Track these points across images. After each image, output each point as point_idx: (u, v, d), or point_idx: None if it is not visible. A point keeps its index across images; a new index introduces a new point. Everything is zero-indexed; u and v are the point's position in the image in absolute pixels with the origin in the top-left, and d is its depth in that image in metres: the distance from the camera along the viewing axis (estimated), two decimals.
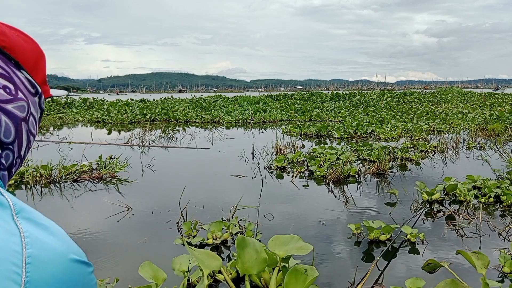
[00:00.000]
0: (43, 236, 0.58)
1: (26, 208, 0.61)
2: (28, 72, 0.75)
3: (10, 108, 0.69)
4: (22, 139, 0.73)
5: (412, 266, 2.97)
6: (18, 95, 0.71)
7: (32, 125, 0.76)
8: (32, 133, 0.76)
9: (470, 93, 31.37)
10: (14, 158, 0.72)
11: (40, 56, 0.80)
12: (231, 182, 5.64)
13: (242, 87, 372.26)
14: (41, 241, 0.57)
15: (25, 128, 0.73)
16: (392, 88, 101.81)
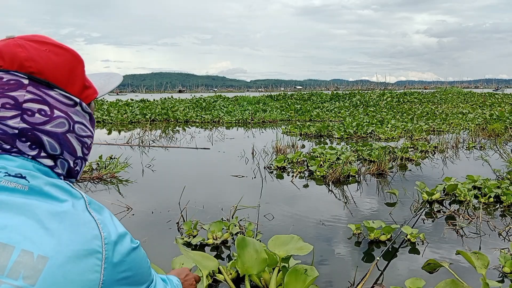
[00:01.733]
0: (108, 222, 0.76)
1: (93, 200, 0.78)
2: (61, 88, 0.78)
3: (48, 128, 0.75)
4: (73, 146, 0.80)
5: (412, 266, 2.97)
6: (54, 114, 0.76)
7: (81, 130, 0.83)
8: (84, 136, 0.83)
9: (470, 93, 31.37)
10: (71, 163, 0.81)
11: (74, 65, 0.82)
12: (231, 182, 5.64)
13: (242, 87, 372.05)
14: (108, 226, 0.75)
15: (72, 137, 0.80)
16: (392, 88, 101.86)
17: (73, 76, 0.81)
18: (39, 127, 0.74)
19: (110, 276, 0.71)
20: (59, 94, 0.78)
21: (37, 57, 0.75)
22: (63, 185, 0.75)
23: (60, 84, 0.78)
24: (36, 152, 0.75)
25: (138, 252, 0.81)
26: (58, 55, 0.79)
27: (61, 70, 0.78)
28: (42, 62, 0.76)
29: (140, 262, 0.80)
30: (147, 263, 0.85)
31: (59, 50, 0.80)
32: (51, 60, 0.77)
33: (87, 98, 0.86)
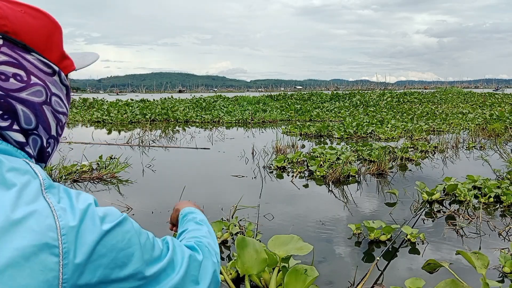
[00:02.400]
0: (72, 209, 0.61)
1: (54, 184, 0.64)
2: (39, 53, 0.70)
3: (24, 96, 0.67)
4: (48, 121, 0.72)
5: (412, 266, 2.97)
6: (31, 81, 0.68)
7: (57, 104, 0.74)
8: (60, 111, 0.75)
9: (470, 93, 31.38)
10: (44, 140, 0.72)
11: (52, 30, 0.74)
12: (231, 182, 5.64)
13: (242, 87, 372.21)
14: (70, 213, 0.60)
15: (48, 110, 0.71)
16: (392, 88, 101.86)
17: (50, 42, 0.73)
18: (13, 94, 0.65)
19: (76, 272, 0.57)
20: (37, 60, 0.70)
21: (12, 16, 0.67)
22: (22, 167, 0.62)
23: (37, 48, 0.70)
24: (8, 123, 0.65)
25: (120, 230, 0.64)
26: (35, 18, 0.71)
27: (38, 33, 0.70)
28: (17, 23, 0.67)
29: (125, 242, 0.64)
30: (140, 239, 0.68)
31: (35, 13, 0.71)
32: (28, 22, 0.69)
33: (65, 68, 0.77)
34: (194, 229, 0.99)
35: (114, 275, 0.62)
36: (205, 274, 0.80)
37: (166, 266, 0.71)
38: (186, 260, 0.77)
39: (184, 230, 1.00)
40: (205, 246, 0.88)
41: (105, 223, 0.63)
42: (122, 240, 0.64)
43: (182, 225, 1.05)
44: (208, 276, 0.81)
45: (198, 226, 1.01)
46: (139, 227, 0.70)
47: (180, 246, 0.81)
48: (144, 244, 0.68)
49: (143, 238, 0.69)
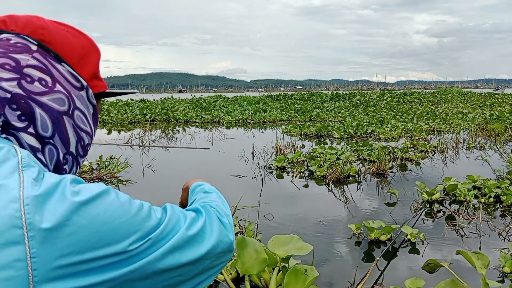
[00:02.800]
0: (42, 182, 0.57)
1: (34, 165, 0.60)
2: (70, 65, 0.72)
3: (45, 100, 0.66)
4: (68, 134, 0.70)
5: (412, 266, 2.97)
6: (55, 87, 0.68)
7: (80, 120, 0.73)
8: (83, 129, 0.73)
9: (470, 93, 31.39)
10: (61, 154, 0.69)
11: (90, 51, 0.77)
12: (231, 182, 5.64)
13: (242, 87, 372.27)
14: (38, 185, 0.56)
15: (69, 123, 0.70)
16: (392, 88, 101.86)
17: (85, 60, 0.75)
18: (34, 97, 0.65)
19: (47, 246, 0.51)
20: (66, 71, 0.71)
21: (53, 30, 0.71)
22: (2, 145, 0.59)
23: (69, 61, 0.72)
24: (24, 125, 0.64)
25: (101, 202, 0.58)
26: (76, 37, 0.75)
27: (74, 49, 0.73)
28: (56, 36, 0.71)
29: (109, 214, 0.58)
30: (129, 210, 0.61)
31: (77, 33, 0.76)
32: (67, 38, 0.73)
33: (95, 87, 0.78)
34: (201, 197, 0.93)
35: (101, 250, 0.56)
36: (210, 233, 0.73)
37: (163, 233, 0.65)
38: (188, 221, 0.71)
39: (192, 202, 0.96)
40: (210, 207, 0.82)
41: (79, 195, 0.57)
42: (104, 212, 0.57)
43: (191, 199, 1.00)
44: (213, 234, 0.74)
45: (206, 194, 0.96)
46: (128, 198, 0.64)
47: (182, 211, 0.75)
48: (135, 215, 0.62)
49: (133, 209, 0.62)
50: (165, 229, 0.66)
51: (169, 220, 0.68)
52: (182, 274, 0.68)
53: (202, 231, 0.72)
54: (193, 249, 0.69)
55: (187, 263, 0.68)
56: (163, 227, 0.65)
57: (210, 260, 0.72)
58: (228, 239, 0.77)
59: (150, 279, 0.63)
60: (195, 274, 0.71)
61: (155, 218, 0.66)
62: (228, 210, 0.88)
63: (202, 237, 0.72)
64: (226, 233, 0.77)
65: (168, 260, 0.64)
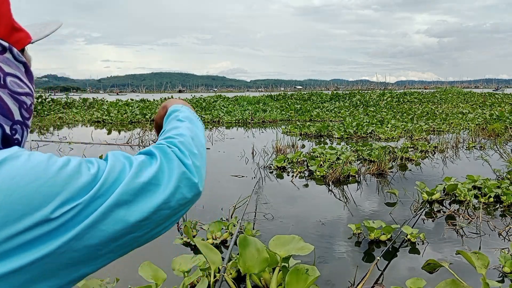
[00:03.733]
0: None
1: None
2: None
3: None
4: (7, 106, 0.62)
5: (412, 266, 2.97)
6: None
7: (16, 85, 0.64)
8: (21, 93, 0.64)
9: (470, 93, 31.38)
10: (6, 128, 0.62)
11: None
12: (231, 182, 5.64)
13: (242, 87, 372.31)
14: None
15: (4, 93, 0.61)
16: (392, 88, 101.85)
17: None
18: None
19: None
20: None
21: None
22: None
23: None
24: None
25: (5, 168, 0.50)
26: None
27: None
28: None
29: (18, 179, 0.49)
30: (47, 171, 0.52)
31: None
32: None
33: (18, 42, 0.66)
34: (170, 129, 0.82)
35: (16, 225, 0.47)
36: (167, 178, 0.63)
37: (101, 190, 0.55)
38: (135, 168, 0.60)
39: (161, 132, 0.84)
40: (171, 145, 0.71)
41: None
42: (11, 179, 0.49)
43: (163, 127, 0.87)
44: (172, 179, 0.63)
45: (177, 124, 0.84)
46: (46, 157, 0.54)
47: (129, 157, 0.63)
48: (55, 175, 0.52)
49: (52, 169, 0.53)
50: (104, 184, 0.55)
51: (110, 171, 0.57)
52: (135, 230, 0.58)
53: (155, 178, 0.61)
54: (144, 202, 0.59)
55: (139, 220, 0.58)
56: (101, 182, 0.55)
57: (170, 210, 0.63)
58: (190, 182, 0.67)
59: (98, 245, 0.54)
60: (152, 228, 0.62)
61: (87, 174, 0.55)
62: (198, 147, 0.78)
63: (155, 185, 0.61)
64: (189, 175, 0.67)
65: (113, 220, 0.55)
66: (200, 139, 0.82)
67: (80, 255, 0.53)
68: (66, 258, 0.51)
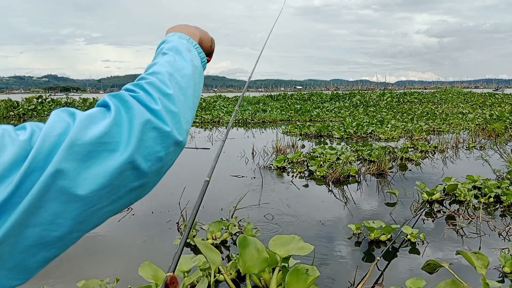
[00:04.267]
0: None
1: None
2: None
3: None
4: None
5: (412, 266, 2.97)
6: None
7: None
8: None
9: (470, 93, 31.37)
10: None
11: None
12: (231, 182, 5.64)
13: (242, 87, 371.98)
14: None
15: None
16: (392, 88, 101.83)
17: None
18: None
19: None
20: None
21: None
22: None
23: None
24: None
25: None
26: None
27: None
28: None
29: None
30: None
31: None
32: None
33: None
34: (148, 66, 0.68)
35: None
36: (125, 135, 0.51)
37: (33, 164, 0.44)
38: (79, 124, 0.48)
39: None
40: (128, 92, 0.57)
41: None
42: None
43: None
44: (132, 136, 0.51)
45: (158, 59, 0.69)
46: None
47: (73, 114, 0.51)
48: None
49: None
50: (39, 154, 0.44)
51: (47, 135, 0.47)
52: (92, 203, 0.48)
53: (107, 135, 0.49)
54: (95, 166, 0.47)
55: (93, 190, 0.47)
56: (34, 152, 0.44)
57: (138, 170, 0.52)
58: (160, 132, 0.55)
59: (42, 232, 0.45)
60: (120, 195, 0.51)
61: (13, 144, 0.44)
62: (177, 85, 0.62)
63: (110, 143, 0.49)
64: (156, 124, 0.54)
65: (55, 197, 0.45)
66: (185, 74, 0.65)
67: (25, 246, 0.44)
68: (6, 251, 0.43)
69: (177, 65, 0.66)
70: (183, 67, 0.66)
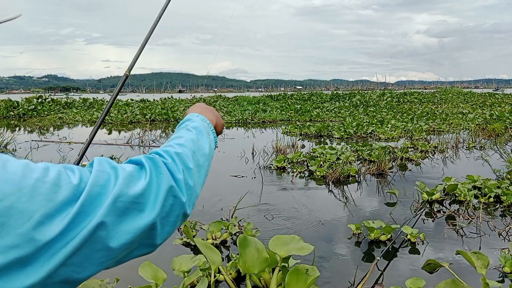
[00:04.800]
0: None
1: None
2: None
3: None
4: None
5: (412, 266, 2.97)
6: None
7: None
8: None
9: (470, 93, 31.38)
10: None
11: None
12: (231, 182, 5.64)
13: (242, 87, 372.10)
14: None
15: None
16: (392, 88, 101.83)
17: None
18: None
19: None
20: None
21: None
22: None
23: None
24: None
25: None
26: None
27: None
28: None
29: None
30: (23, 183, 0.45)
31: None
32: None
33: None
34: (174, 137, 0.76)
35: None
36: (152, 199, 0.56)
37: (81, 210, 0.48)
38: (122, 181, 0.53)
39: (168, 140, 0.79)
40: (161, 159, 0.64)
41: None
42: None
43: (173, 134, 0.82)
44: (158, 200, 0.57)
45: (183, 133, 0.77)
46: (23, 166, 0.46)
47: (115, 167, 0.57)
48: (33, 189, 0.45)
49: (29, 182, 0.45)
50: (86, 201, 0.49)
51: (93, 184, 0.51)
52: (117, 255, 0.53)
53: (142, 196, 0.55)
54: (128, 223, 0.52)
55: (122, 244, 0.52)
56: (83, 198, 0.49)
57: (155, 231, 0.57)
58: (177, 200, 0.60)
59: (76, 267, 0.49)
60: (134, 248, 0.56)
61: (67, 187, 0.48)
62: (197, 163, 0.70)
63: (142, 204, 0.54)
64: (177, 192, 0.60)
65: (93, 244, 0.49)
66: (203, 154, 0.75)
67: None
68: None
69: (199, 144, 0.75)
70: (203, 147, 0.76)
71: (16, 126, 14.28)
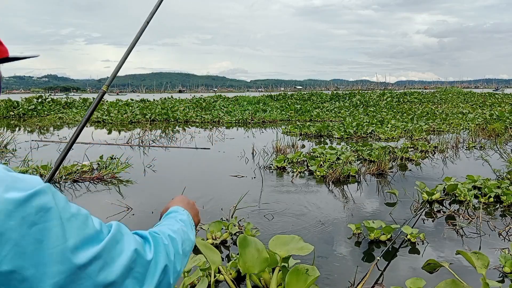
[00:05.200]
0: None
1: None
2: None
3: None
4: None
5: (412, 266, 2.97)
6: None
7: None
8: None
9: (470, 93, 31.37)
10: None
11: None
12: (231, 182, 5.64)
13: (242, 87, 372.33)
14: None
15: None
16: (392, 88, 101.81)
17: None
18: None
19: None
20: None
21: None
22: None
23: None
24: None
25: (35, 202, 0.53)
26: None
27: None
28: None
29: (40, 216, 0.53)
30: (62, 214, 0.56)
31: None
32: None
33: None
34: (166, 224, 0.87)
35: (29, 258, 0.50)
36: (152, 273, 0.66)
37: (102, 252, 0.57)
38: (131, 252, 0.63)
39: (157, 224, 0.91)
40: (162, 239, 0.74)
41: (13, 191, 0.51)
42: (35, 213, 0.52)
43: (161, 220, 0.94)
44: (155, 276, 0.66)
45: (173, 222, 0.88)
46: (64, 200, 0.58)
47: (128, 234, 0.67)
48: (69, 220, 0.55)
49: (66, 214, 0.56)
50: (105, 249, 0.59)
51: (112, 239, 0.62)
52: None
53: (145, 271, 0.66)
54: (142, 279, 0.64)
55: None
56: (104, 245, 0.59)
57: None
58: (166, 281, 0.70)
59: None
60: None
61: (92, 228, 0.60)
62: (184, 250, 0.81)
63: (142, 278, 0.64)
64: (169, 273, 0.71)
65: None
66: (189, 244, 0.85)
67: None
68: None
69: (186, 235, 0.85)
70: (189, 238, 0.85)
71: (16, 126, 14.29)
